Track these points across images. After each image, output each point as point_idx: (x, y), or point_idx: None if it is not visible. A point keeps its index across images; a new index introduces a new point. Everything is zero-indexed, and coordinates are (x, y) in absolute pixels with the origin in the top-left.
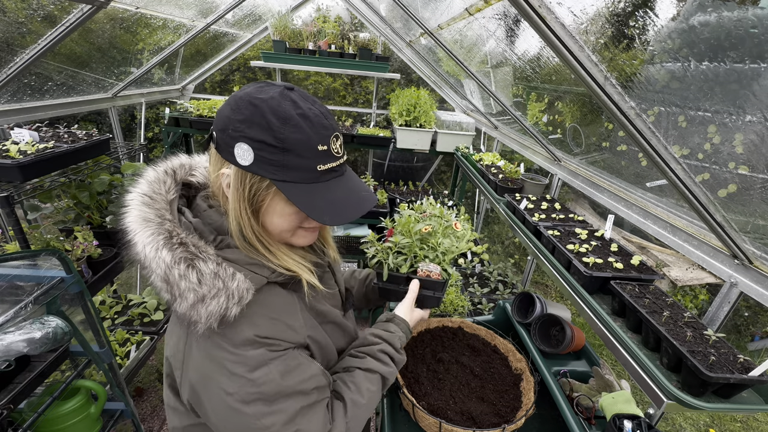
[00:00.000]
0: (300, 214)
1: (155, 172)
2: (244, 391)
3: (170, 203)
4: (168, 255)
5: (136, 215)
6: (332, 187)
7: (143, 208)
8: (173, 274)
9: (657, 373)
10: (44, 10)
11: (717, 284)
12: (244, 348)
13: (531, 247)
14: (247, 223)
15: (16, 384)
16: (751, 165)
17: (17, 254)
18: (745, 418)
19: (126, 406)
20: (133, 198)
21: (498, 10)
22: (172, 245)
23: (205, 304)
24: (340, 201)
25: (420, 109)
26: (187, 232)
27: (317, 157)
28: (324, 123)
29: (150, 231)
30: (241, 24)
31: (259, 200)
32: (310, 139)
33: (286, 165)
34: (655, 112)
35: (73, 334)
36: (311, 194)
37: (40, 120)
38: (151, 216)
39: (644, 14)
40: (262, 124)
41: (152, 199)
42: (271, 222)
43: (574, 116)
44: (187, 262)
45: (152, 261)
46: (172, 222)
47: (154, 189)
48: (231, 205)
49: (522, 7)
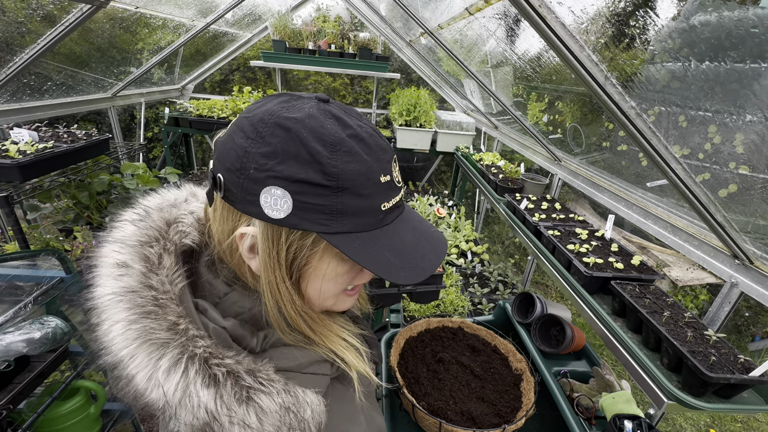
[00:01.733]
0: (353, 272)
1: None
2: None
3: (181, 298)
4: (209, 395)
5: (130, 336)
6: (398, 231)
7: (144, 323)
8: (220, 423)
9: (657, 374)
10: (44, 10)
11: (717, 284)
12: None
13: (531, 247)
14: (288, 299)
15: (15, 384)
16: (752, 165)
17: (17, 254)
18: (745, 418)
19: (126, 406)
20: (109, 301)
21: (498, 9)
22: (215, 379)
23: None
24: (411, 248)
25: (420, 108)
26: (227, 351)
27: (380, 193)
28: (381, 144)
29: (169, 362)
30: (240, 24)
31: (302, 265)
32: (371, 169)
33: (342, 210)
34: (656, 111)
35: (72, 334)
36: (374, 245)
37: (39, 120)
38: (162, 336)
39: (645, 14)
40: (302, 156)
41: (157, 304)
42: (316, 289)
43: (575, 116)
44: (242, 400)
45: (179, 407)
46: (202, 338)
47: (151, 282)
48: (264, 279)
49: (522, 6)
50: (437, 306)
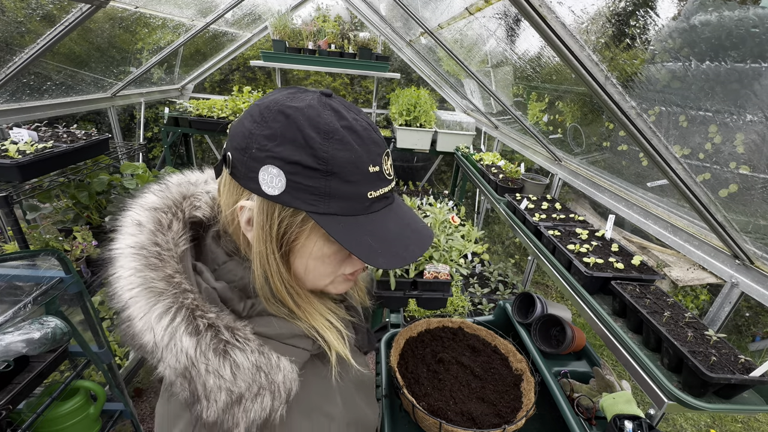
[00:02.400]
0: (341, 255)
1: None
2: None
3: (182, 258)
4: (191, 343)
5: (134, 282)
6: (383, 219)
7: (146, 272)
8: (199, 369)
9: (658, 374)
10: (43, 10)
11: (718, 284)
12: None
13: (531, 248)
14: (275, 269)
15: (15, 384)
16: (752, 165)
17: (16, 254)
18: (746, 418)
19: (125, 406)
20: (123, 252)
21: (498, 9)
22: (197, 329)
23: (243, 408)
24: (395, 237)
25: (420, 108)
26: (212, 307)
27: (367, 182)
28: (374, 137)
29: (161, 308)
30: (240, 23)
31: (291, 240)
32: (360, 159)
33: (330, 193)
34: (656, 111)
35: (72, 334)
36: (359, 229)
37: (39, 120)
38: (159, 285)
39: (645, 13)
40: (297, 140)
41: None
42: (304, 266)
43: (575, 116)
44: (219, 352)
45: (165, 350)
46: (193, 293)
47: (159, 241)
48: (255, 249)
49: (522, 6)
50: None
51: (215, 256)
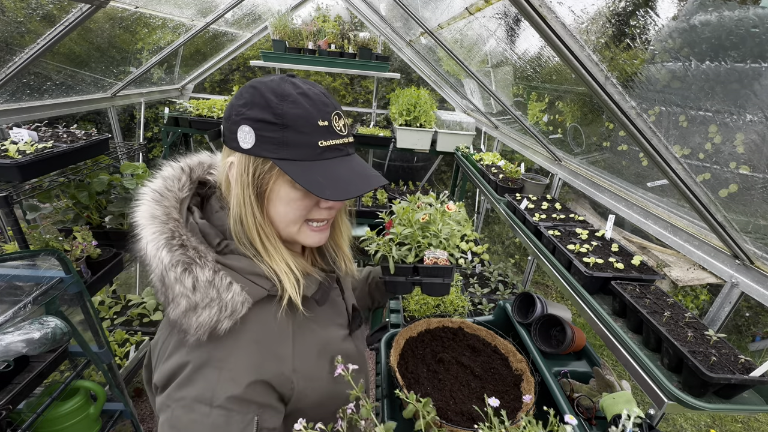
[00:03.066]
0: (305, 200)
1: (172, 168)
2: (177, 412)
3: (181, 201)
4: (167, 255)
5: (144, 210)
6: (335, 165)
7: (153, 204)
8: (169, 277)
9: (658, 374)
10: (43, 10)
11: (718, 284)
12: (211, 369)
13: (531, 248)
14: (249, 211)
15: (15, 384)
16: (752, 165)
17: (16, 254)
18: (746, 418)
19: (125, 406)
20: (146, 193)
21: (498, 9)
22: (172, 246)
23: (197, 314)
24: (344, 178)
25: (420, 108)
26: (190, 234)
27: (318, 133)
28: (324, 100)
29: (154, 228)
30: (240, 23)
31: (263, 185)
32: (310, 114)
33: (286, 142)
34: (656, 111)
35: (72, 334)
36: (312, 171)
37: (39, 120)
38: (158, 213)
39: (645, 13)
40: (261, 104)
41: (162, 195)
42: (276, 212)
43: (575, 116)
44: (184, 265)
45: (152, 259)
46: (177, 221)
47: (168, 185)
48: (233, 192)
49: (522, 6)
50: (437, 306)
51: (212, 208)
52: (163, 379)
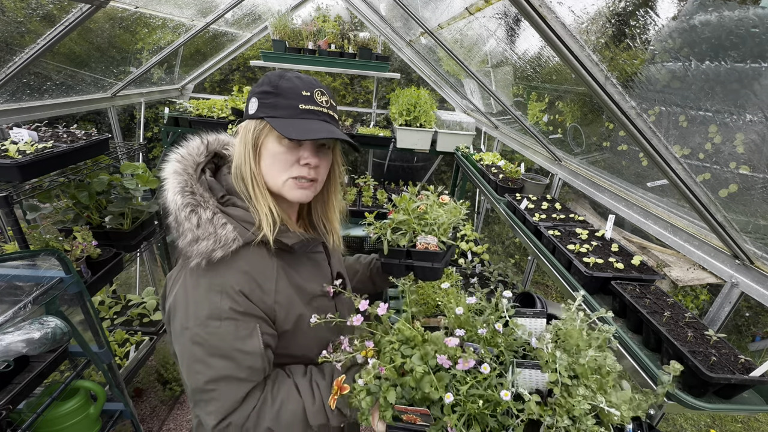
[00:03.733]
0: (288, 155)
1: (194, 140)
2: (195, 330)
3: (197, 164)
4: (180, 199)
5: (169, 167)
6: (311, 123)
7: (175, 164)
8: (180, 215)
9: (658, 374)
10: (43, 10)
11: (718, 284)
12: (214, 294)
13: (531, 247)
14: (246, 162)
15: (15, 384)
16: (752, 165)
17: (16, 254)
18: (746, 418)
19: (125, 406)
20: (172, 156)
21: (498, 9)
22: (185, 193)
23: (198, 244)
24: (312, 129)
25: (420, 108)
26: (199, 185)
27: (300, 99)
28: (312, 82)
29: (174, 180)
30: (240, 23)
31: (258, 140)
32: (296, 86)
33: (277, 105)
34: (656, 111)
35: (72, 334)
36: (290, 124)
37: (39, 120)
38: (178, 168)
39: (645, 14)
40: (266, 82)
41: (183, 158)
42: (266, 164)
43: (575, 116)
44: (191, 207)
45: (170, 202)
46: (191, 176)
47: (189, 151)
48: (237, 147)
49: (522, 6)
50: (437, 307)
51: (222, 172)
52: (173, 303)
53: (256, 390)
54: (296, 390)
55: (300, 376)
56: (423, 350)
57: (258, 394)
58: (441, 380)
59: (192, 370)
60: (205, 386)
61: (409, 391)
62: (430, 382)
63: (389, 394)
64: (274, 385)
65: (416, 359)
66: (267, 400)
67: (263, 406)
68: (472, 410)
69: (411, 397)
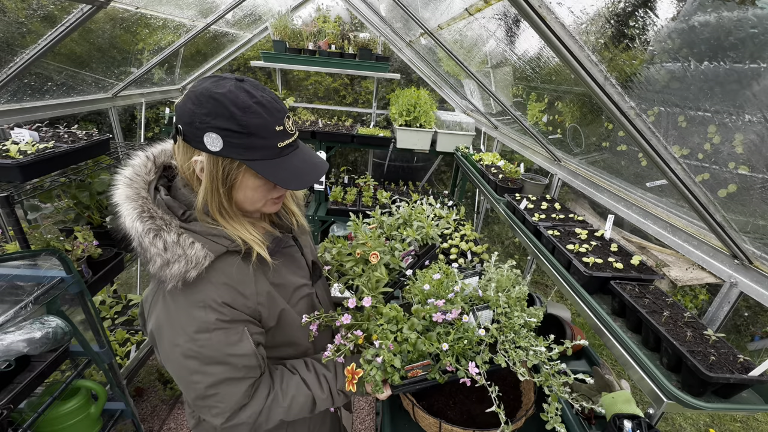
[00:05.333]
0: (268, 185)
1: (139, 157)
2: (187, 346)
3: (149, 183)
4: (140, 225)
5: (120, 192)
6: (291, 159)
7: (125, 188)
8: (144, 242)
9: (657, 373)
10: (44, 10)
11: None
12: (198, 309)
13: (531, 247)
14: (216, 200)
15: (16, 384)
16: (751, 165)
17: (17, 254)
18: (745, 418)
19: (126, 406)
20: (119, 179)
21: (498, 10)
22: (143, 218)
23: (169, 267)
24: (299, 169)
25: (420, 109)
26: (157, 208)
27: (275, 137)
28: (277, 107)
29: (128, 205)
30: (241, 24)
31: (232, 179)
32: (268, 122)
33: (252, 146)
34: (655, 112)
35: (73, 334)
36: (276, 167)
37: (40, 120)
38: (130, 194)
39: (644, 14)
40: (225, 115)
41: (132, 180)
42: (245, 196)
43: (574, 116)
44: (154, 232)
45: (130, 229)
46: (145, 199)
47: (137, 171)
48: (204, 186)
49: (522, 7)
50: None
51: (176, 186)
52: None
53: (263, 387)
54: (304, 384)
55: (304, 371)
56: (410, 321)
57: (266, 392)
58: (430, 339)
59: (190, 381)
60: (206, 392)
61: (406, 355)
62: (423, 342)
63: (395, 362)
64: (282, 381)
65: (407, 329)
66: (278, 396)
67: (274, 402)
68: (458, 350)
69: (409, 359)
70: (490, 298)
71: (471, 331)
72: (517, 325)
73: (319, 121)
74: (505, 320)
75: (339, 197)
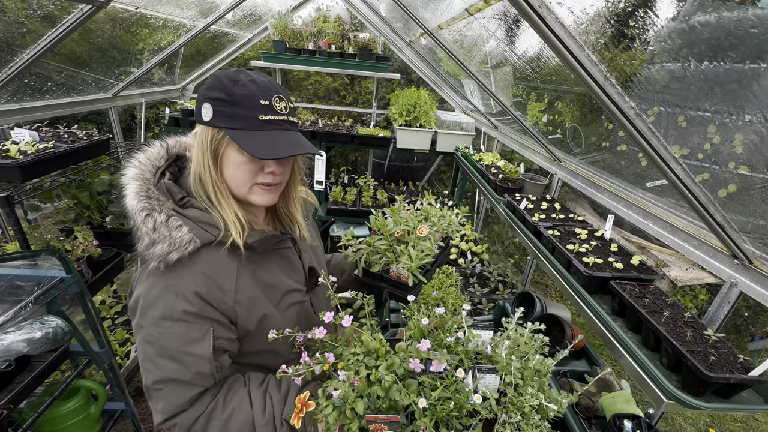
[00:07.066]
0: (252, 165)
1: (155, 146)
2: (149, 330)
3: (157, 168)
4: (137, 204)
5: (129, 173)
6: (272, 135)
7: (134, 169)
8: (137, 219)
9: (657, 373)
10: (44, 10)
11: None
12: (170, 294)
13: (531, 247)
14: (206, 170)
15: (16, 384)
16: (751, 165)
17: (17, 254)
18: (744, 418)
19: (126, 406)
20: (132, 162)
21: (498, 10)
22: (141, 197)
23: (154, 247)
24: (277, 144)
25: (420, 109)
26: (155, 190)
27: (259, 109)
28: (269, 86)
29: (132, 185)
30: (241, 24)
31: (217, 149)
32: (253, 95)
33: (234, 115)
34: (655, 112)
35: (73, 334)
36: (253, 138)
37: (40, 120)
38: (137, 174)
39: (644, 14)
40: (218, 86)
41: (142, 163)
42: (229, 173)
43: (574, 116)
44: (147, 211)
45: (129, 207)
46: (148, 181)
47: (149, 156)
48: (194, 154)
49: (522, 7)
50: (441, 300)
51: (186, 174)
52: (133, 302)
53: (208, 394)
54: (249, 400)
55: (256, 385)
56: (390, 360)
57: (209, 399)
58: (409, 387)
59: (143, 368)
60: (153, 386)
61: (375, 401)
62: (399, 390)
63: (357, 405)
64: (229, 391)
65: (383, 369)
66: (218, 406)
67: (213, 411)
68: (441, 413)
69: (377, 407)
70: (499, 359)
71: (464, 394)
72: (528, 405)
73: (319, 121)
74: (514, 394)
75: (339, 197)
